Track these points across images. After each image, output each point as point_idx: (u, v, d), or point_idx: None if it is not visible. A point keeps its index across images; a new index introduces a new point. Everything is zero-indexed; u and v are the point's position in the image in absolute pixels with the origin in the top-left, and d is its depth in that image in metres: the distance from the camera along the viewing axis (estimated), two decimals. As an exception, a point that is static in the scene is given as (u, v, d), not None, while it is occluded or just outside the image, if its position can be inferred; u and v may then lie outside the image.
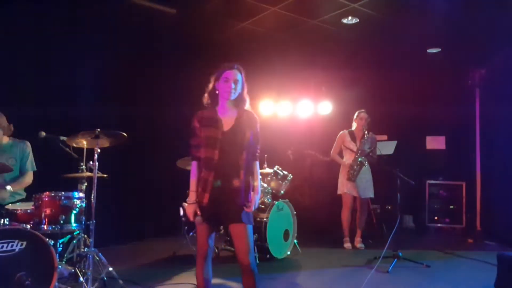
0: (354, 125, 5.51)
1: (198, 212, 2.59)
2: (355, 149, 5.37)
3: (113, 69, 5.44)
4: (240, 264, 2.60)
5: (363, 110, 5.50)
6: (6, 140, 3.82)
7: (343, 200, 5.47)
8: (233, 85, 2.65)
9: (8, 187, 3.63)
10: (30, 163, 3.89)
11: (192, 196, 2.64)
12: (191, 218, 2.62)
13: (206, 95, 2.77)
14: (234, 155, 2.62)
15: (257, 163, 2.75)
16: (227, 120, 2.67)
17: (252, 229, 2.64)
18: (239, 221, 2.58)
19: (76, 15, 4.99)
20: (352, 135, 5.49)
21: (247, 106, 2.76)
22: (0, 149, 3.77)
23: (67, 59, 4.95)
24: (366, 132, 5.31)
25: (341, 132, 5.57)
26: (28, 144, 3.91)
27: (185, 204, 2.67)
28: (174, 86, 6.19)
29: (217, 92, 2.71)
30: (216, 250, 4.91)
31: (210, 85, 2.75)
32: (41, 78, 4.78)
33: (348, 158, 5.44)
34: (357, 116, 5.48)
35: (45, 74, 4.81)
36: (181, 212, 4.69)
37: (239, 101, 2.73)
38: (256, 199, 2.66)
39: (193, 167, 2.69)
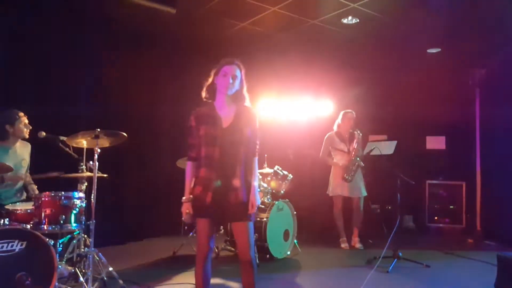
0: (337, 126, 5.49)
1: (190, 211, 2.60)
2: (345, 150, 5.36)
3: (113, 69, 5.45)
4: (241, 259, 2.62)
5: (350, 110, 5.49)
6: (19, 142, 3.90)
7: (334, 202, 5.47)
8: (231, 80, 2.63)
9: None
10: (28, 166, 4.01)
11: (186, 194, 2.65)
12: (184, 216, 2.62)
13: (204, 89, 2.74)
14: (234, 152, 2.61)
15: (256, 159, 2.73)
16: (226, 116, 2.65)
17: (253, 225, 2.65)
18: (241, 219, 2.59)
19: (76, 15, 4.99)
20: (340, 135, 5.47)
21: (247, 104, 2.74)
22: (14, 151, 3.85)
23: (67, 59, 4.95)
24: (357, 132, 5.31)
25: (328, 134, 5.56)
26: (30, 146, 4.02)
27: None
28: (174, 86, 6.20)
29: (215, 86, 2.69)
30: (216, 250, 4.91)
31: (210, 79, 2.73)
32: (41, 78, 4.77)
33: (340, 159, 5.42)
34: (344, 116, 5.46)
35: (45, 74, 4.81)
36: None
37: (238, 98, 2.70)
38: (257, 197, 2.65)
39: (188, 166, 2.69)
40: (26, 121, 3.81)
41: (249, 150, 2.68)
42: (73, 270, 3.57)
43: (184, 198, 2.64)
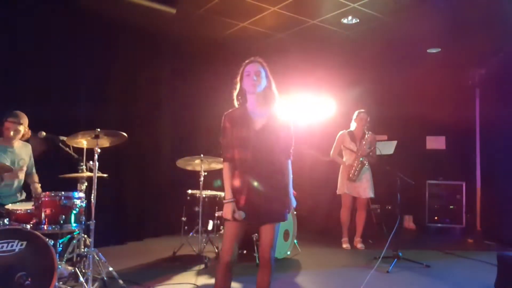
0: (353, 125, 5.50)
1: (235, 209, 2.54)
2: (355, 149, 5.37)
3: (113, 69, 5.45)
4: (261, 257, 2.63)
5: (363, 110, 5.49)
6: (18, 142, 3.92)
7: (343, 200, 5.47)
8: (254, 77, 2.60)
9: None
10: (33, 165, 4.05)
11: (227, 195, 2.59)
12: (229, 217, 2.54)
13: (235, 98, 2.71)
14: (268, 155, 2.60)
15: (290, 162, 2.72)
16: (259, 118, 2.63)
17: (280, 225, 2.68)
18: (273, 222, 2.61)
19: (76, 15, 4.99)
20: (351, 135, 5.48)
21: (278, 102, 2.71)
22: (13, 151, 3.87)
23: (67, 59, 4.95)
24: (366, 132, 5.32)
25: (341, 132, 5.56)
26: (30, 147, 4.04)
27: (217, 213, 2.63)
28: (174, 85, 6.20)
29: (244, 91, 2.66)
30: (216, 250, 4.91)
31: (237, 86, 2.70)
32: (41, 78, 4.78)
33: (348, 158, 5.43)
34: (357, 116, 5.48)
35: (45, 74, 4.81)
36: (210, 227, 4.68)
37: (268, 95, 2.67)
38: (292, 200, 2.69)
39: (225, 167, 2.64)
40: (13, 127, 3.79)
41: (283, 152, 2.67)
42: (73, 270, 3.57)
43: (226, 199, 2.59)
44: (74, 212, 3.42)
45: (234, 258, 2.58)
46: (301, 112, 7.13)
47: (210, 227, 4.72)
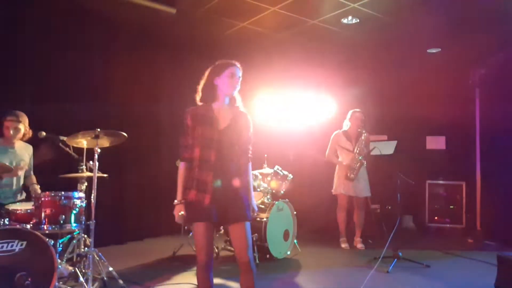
0: (347, 125, 5.49)
1: (183, 212, 2.53)
2: (351, 149, 5.36)
3: (113, 69, 5.45)
4: (240, 262, 2.57)
5: (358, 109, 5.49)
6: (18, 142, 3.91)
7: (339, 201, 5.47)
8: (238, 82, 2.63)
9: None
10: (31, 167, 4.05)
11: (178, 196, 2.57)
12: (176, 218, 2.55)
13: (200, 91, 2.68)
14: (231, 155, 2.59)
15: (250, 164, 2.72)
16: (222, 118, 2.62)
17: (250, 225, 2.61)
18: (241, 220, 2.56)
19: (77, 15, 4.99)
20: (346, 135, 5.47)
21: (240, 104, 2.71)
22: (13, 151, 3.87)
23: (67, 59, 4.95)
24: (363, 132, 5.32)
25: (335, 132, 5.56)
26: (32, 148, 4.04)
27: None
28: (174, 85, 6.20)
29: (216, 87, 2.62)
30: (216, 250, 4.91)
31: (205, 80, 2.66)
32: (42, 78, 4.78)
33: (344, 158, 5.43)
34: (351, 115, 5.46)
35: (45, 74, 4.81)
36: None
37: (232, 99, 2.68)
38: (253, 201, 2.68)
39: (181, 167, 2.60)
40: (12, 126, 3.79)
41: (244, 153, 2.67)
42: (73, 270, 3.57)
43: (176, 200, 2.57)
44: (74, 212, 3.42)
45: (211, 258, 2.57)
46: (301, 112, 7.13)
47: None
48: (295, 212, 5.04)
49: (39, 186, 3.99)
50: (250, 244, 2.58)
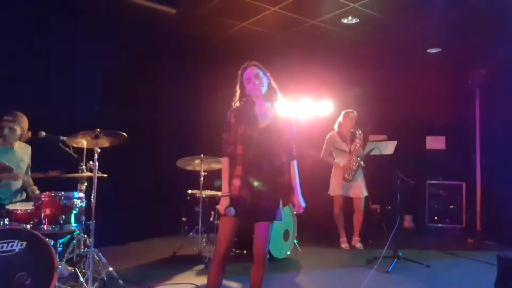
0: (338, 125, 5.49)
1: (229, 205, 2.56)
2: (347, 150, 5.36)
3: (113, 69, 5.44)
4: (255, 254, 2.65)
5: (351, 110, 5.49)
6: (18, 143, 3.92)
7: (335, 202, 5.47)
8: (257, 82, 2.67)
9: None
10: (29, 167, 4.03)
11: (224, 188, 2.62)
12: (222, 209, 2.57)
13: (237, 97, 2.76)
14: (270, 154, 2.65)
15: (295, 162, 2.76)
16: (264, 117, 2.69)
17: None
18: (269, 221, 2.63)
19: (77, 15, 4.99)
20: (341, 135, 5.47)
21: (280, 98, 2.78)
22: (13, 152, 3.87)
23: (67, 59, 4.95)
24: (358, 132, 5.31)
25: (330, 133, 5.56)
26: (30, 148, 4.03)
27: (218, 207, 2.63)
28: (174, 85, 6.20)
29: (247, 92, 2.71)
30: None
31: (238, 88, 2.75)
32: (41, 78, 4.77)
33: (341, 159, 5.42)
34: (345, 116, 5.46)
35: (45, 74, 4.81)
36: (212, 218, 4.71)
37: (272, 95, 2.75)
38: (301, 198, 2.73)
39: (224, 162, 2.67)
40: (7, 126, 3.78)
41: (287, 153, 2.71)
42: (73, 270, 3.57)
43: (223, 192, 2.62)
44: (74, 212, 3.42)
45: (229, 253, 2.62)
46: (301, 112, 7.13)
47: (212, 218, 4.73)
48: (295, 212, 5.03)
49: (36, 187, 3.98)
50: (269, 239, 2.66)
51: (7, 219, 3.26)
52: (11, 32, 4.58)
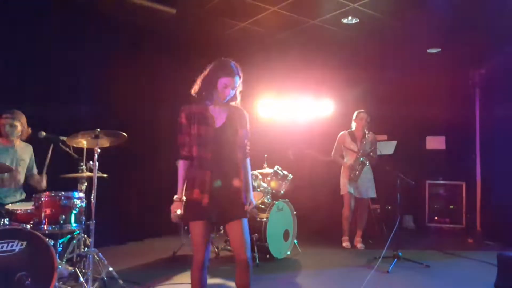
0: (353, 125, 5.50)
1: (181, 210, 2.53)
2: (356, 150, 5.36)
3: (113, 69, 5.44)
4: (238, 259, 2.57)
5: (362, 110, 5.49)
6: (18, 141, 3.91)
7: (345, 200, 5.45)
8: (231, 92, 2.58)
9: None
10: (33, 166, 4.03)
11: (178, 194, 2.58)
12: (172, 214, 2.55)
13: (199, 84, 2.63)
14: (228, 153, 2.58)
15: (248, 160, 2.70)
16: (218, 116, 2.60)
17: (247, 221, 2.61)
18: (238, 218, 2.56)
19: (77, 15, 4.99)
20: (352, 135, 5.48)
21: (237, 103, 2.68)
22: (14, 151, 3.87)
23: (67, 59, 4.95)
24: (366, 132, 5.32)
25: (341, 132, 5.56)
26: (32, 147, 4.03)
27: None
28: (174, 85, 6.18)
29: (215, 86, 2.56)
30: (216, 250, 4.91)
31: (206, 76, 2.60)
32: (41, 78, 4.78)
33: (349, 159, 5.43)
34: (356, 116, 5.47)
35: (45, 74, 4.81)
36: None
37: (234, 96, 2.65)
38: (251, 195, 2.66)
39: (180, 165, 2.61)
40: (7, 122, 3.78)
41: (242, 151, 2.66)
42: (73, 270, 3.57)
43: (176, 196, 2.57)
44: (74, 212, 3.42)
45: (208, 257, 2.58)
46: (301, 112, 7.13)
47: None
48: (295, 212, 5.04)
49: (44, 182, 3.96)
50: (248, 241, 2.58)
51: (7, 219, 3.26)
52: (11, 32, 4.58)
